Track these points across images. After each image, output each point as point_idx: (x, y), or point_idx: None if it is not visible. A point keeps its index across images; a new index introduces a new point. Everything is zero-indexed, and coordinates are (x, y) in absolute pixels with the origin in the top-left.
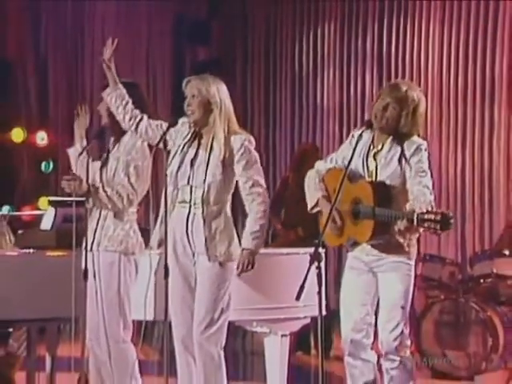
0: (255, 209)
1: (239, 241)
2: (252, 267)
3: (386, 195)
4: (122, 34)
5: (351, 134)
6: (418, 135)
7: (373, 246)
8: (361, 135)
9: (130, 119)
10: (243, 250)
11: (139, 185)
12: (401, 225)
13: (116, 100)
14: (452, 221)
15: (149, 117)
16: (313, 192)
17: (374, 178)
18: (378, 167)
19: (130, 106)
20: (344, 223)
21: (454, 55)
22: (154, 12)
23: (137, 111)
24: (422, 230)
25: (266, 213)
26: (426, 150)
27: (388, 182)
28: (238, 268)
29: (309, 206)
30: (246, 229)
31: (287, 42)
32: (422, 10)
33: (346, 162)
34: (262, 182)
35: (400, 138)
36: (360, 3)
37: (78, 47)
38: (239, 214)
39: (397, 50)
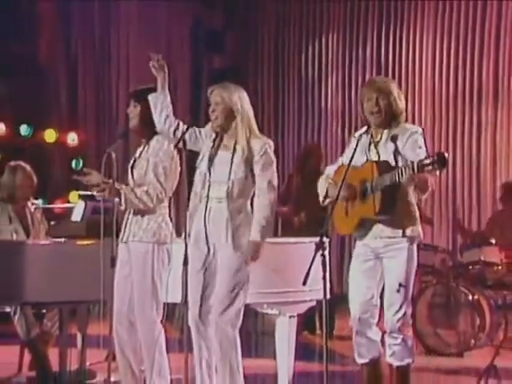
0: (264, 206)
1: None
2: (256, 257)
3: (385, 168)
4: (144, 44)
5: (352, 137)
6: (406, 120)
7: (381, 227)
8: (361, 136)
9: (170, 126)
10: (251, 241)
11: (167, 183)
12: (405, 179)
13: (161, 105)
14: (447, 156)
15: None
16: (323, 187)
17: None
18: (380, 154)
19: (171, 113)
20: (354, 205)
21: (446, 62)
22: (173, 23)
23: (174, 118)
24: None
25: (273, 210)
26: (421, 134)
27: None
28: (246, 257)
29: (321, 200)
30: (254, 222)
31: (294, 50)
32: (417, 21)
33: (349, 157)
34: (275, 182)
35: (395, 125)
36: (360, 15)
37: (105, 54)
38: None
39: (394, 57)
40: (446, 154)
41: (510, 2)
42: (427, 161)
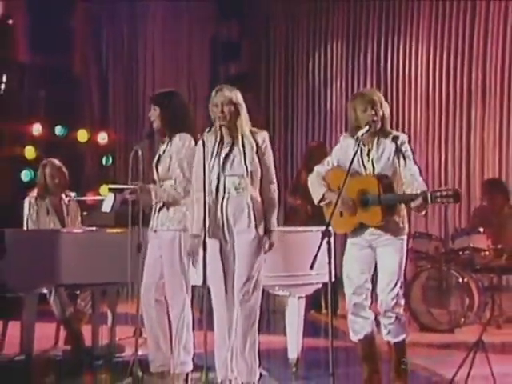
0: (274, 198)
1: None
2: (273, 244)
3: (388, 184)
4: (169, 53)
5: (339, 143)
6: (391, 127)
7: (376, 227)
8: (348, 142)
9: None
10: (270, 231)
11: (192, 177)
12: (415, 204)
13: None
14: (461, 193)
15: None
16: (317, 188)
17: (371, 172)
18: (374, 163)
19: None
20: (354, 211)
21: (438, 69)
22: (194, 34)
23: None
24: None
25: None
26: (407, 141)
27: (385, 173)
28: (267, 246)
29: (315, 201)
30: (269, 214)
31: (302, 58)
32: (412, 33)
33: (339, 163)
34: (273, 170)
35: (384, 135)
36: (362, 28)
37: (132, 61)
38: None
39: (391, 65)
40: (460, 191)
41: (496, 17)
42: (442, 193)
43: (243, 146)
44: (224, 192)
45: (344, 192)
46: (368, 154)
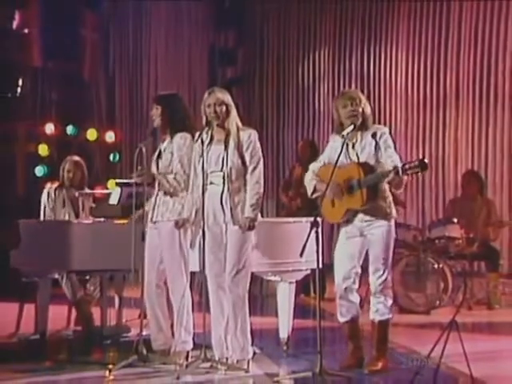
0: (254, 187)
1: None
2: (253, 228)
3: (370, 170)
4: (170, 59)
5: (330, 143)
6: (375, 121)
7: (365, 212)
8: (335, 140)
9: None
10: (245, 217)
11: (191, 172)
12: (389, 178)
13: None
14: (427, 163)
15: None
16: (310, 182)
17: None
18: (358, 154)
19: None
20: (342, 198)
21: (416, 73)
22: (194, 41)
23: None
24: (406, 177)
25: (261, 190)
26: (388, 133)
27: (368, 161)
28: (241, 229)
29: (309, 194)
30: (247, 202)
31: (293, 63)
32: (393, 40)
33: (330, 160)
34: (261, 165)
35: (366, 128)
36: (347, 35)
37: (137, 66)
38: None
39: (374, 69)
40: (427, 160)
41: (468, 27)
42: (409, 165)
43: (228, 144)
44: (210, 185)
45: (333, 182)
46: (353, 148)
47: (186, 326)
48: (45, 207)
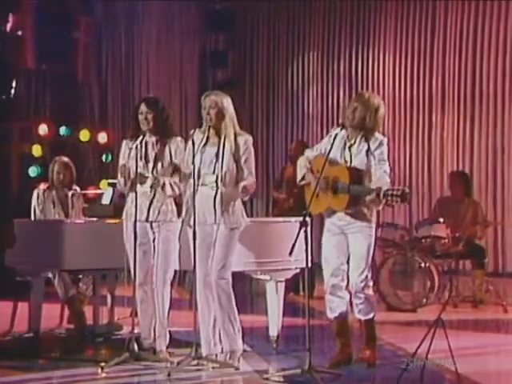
0: (246, 186)
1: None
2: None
3: (358, 176)
4: (161, 62)
5: (329, 134)
6: (379, 131)
7: (345, 213)
8: (337, 134)
9: None
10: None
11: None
12: (370, 197)
13: None
14: (408, 195)
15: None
16: (301, 168)
17: (349, 164)
18: (352, 156)
19: None
20: (326, 194)
21: (403, 76)
22: (185, 44)
23: None
24: (384, 202)
25: (253, 188)
26: (386, 144)
27: (359, 167)
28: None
29: (298, 180)
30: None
31: (282, 66)
32: (380, 43)
33: (325, 151)
34: (253, 171)
35: (367, 134)
36: (335, 38)
37: (129, 69)
38: None
39: (362, 72)
40: (408, 192)
41: (453, 32)
42: (392, 192)
43: (223, 147)
44: (201, 186)
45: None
46: (349, 149)
47: (163, 321)
48: (35, 209)
